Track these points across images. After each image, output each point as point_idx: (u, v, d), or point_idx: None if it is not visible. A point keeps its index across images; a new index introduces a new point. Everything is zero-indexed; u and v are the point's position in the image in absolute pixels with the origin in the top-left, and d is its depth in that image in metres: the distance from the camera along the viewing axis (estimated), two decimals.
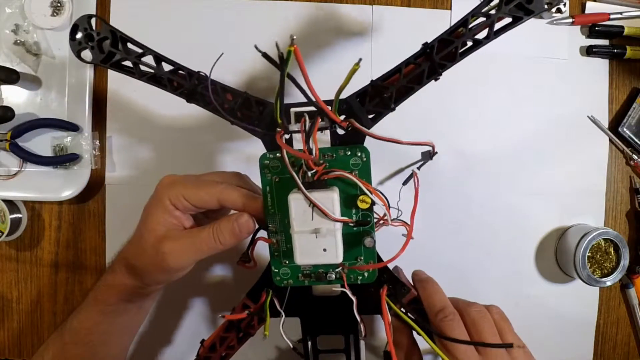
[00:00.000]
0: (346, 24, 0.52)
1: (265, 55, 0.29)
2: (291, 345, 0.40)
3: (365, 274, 0.38)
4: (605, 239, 0.53)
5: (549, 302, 0.55)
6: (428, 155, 0.39)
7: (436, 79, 0.36)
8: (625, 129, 0.55)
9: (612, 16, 0.53)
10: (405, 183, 0.49)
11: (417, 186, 0.40)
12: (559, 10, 0.53)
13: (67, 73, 0.51)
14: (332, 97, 0.33)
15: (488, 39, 0.35)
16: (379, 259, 0.38)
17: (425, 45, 0.36)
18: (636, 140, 0.55)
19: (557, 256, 0.56)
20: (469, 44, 0.35)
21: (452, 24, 0.49)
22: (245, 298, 0.41)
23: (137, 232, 0.40)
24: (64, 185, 0.51)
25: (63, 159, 0.50)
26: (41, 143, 0.51)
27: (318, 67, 0.52)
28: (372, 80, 0.37)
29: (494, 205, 0.55)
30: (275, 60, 0.29)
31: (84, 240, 0.53)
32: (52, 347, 0.43)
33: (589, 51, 0.55)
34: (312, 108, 0.35)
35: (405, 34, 0.53)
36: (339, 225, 0.33)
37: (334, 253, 0.33)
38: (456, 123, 0.53)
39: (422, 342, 0.42)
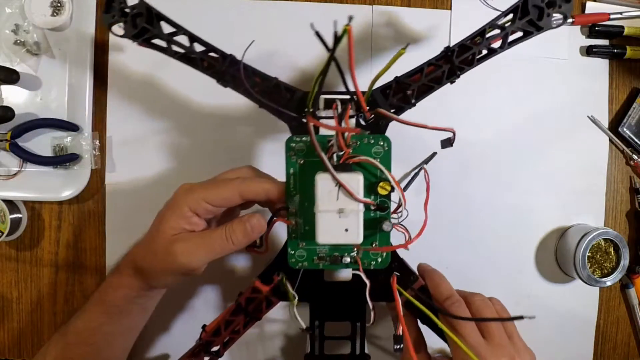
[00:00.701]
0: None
1: (317, 33, 0.32)
2: (304, 326, 0.41)
3: (379, 259, 0.39)
4: (605, 239, 0.53)
5: (549, 302, 0.55)
6: (448, 142, 0.40)
7: (452, 82, 0.40)
8: (625, 129, 0.55)
9: (612, 16, 0.53)
10: (405, 188, 0.49)
11: (427, 180, 0.41)
12: None
13: (67, 73, 0.51)
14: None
15: (502, 48, 0.39)
16: None
17: (447, 48, 0.39)
18: (636, 140, 0.55)
19: (557, 256, 0.56)
20: (484, 52, 0.39)
21: (452, 24, 0.51)
22: (257, 281, 0.41)
23: (148, 236, 0.40)
24: (64, 185, 0.51)
25: (63, 159, 0.50)
26: (41, 143, 0.51)
27: (317, 66, 0.52)
28: (396, 77, 0.40)
29: (494, 205, 0.55)
30: (324, 40, 0.32)
31: (84, 240, 0.53)
32: (54, 348, 0.43)
33: (589, 51, 0.55)
34: (341, 96, 0.38)
35: (405, 34, 0.53)
36: (362, 207, 0.34)
37: (356, 233, 0.35)
38: (456, 123, 0.52)
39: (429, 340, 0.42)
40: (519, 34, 0.39)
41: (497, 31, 0.39)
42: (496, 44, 0.39)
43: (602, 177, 0.56)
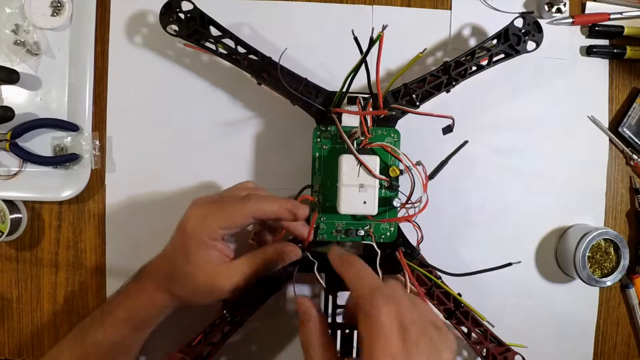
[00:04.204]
0: (346, 24, 0.52)
1: (355, 39, 0.39)
2: (324, 285, 0.46)
3: (388, 233, 0.46)
4: (605, 239, 0.53)
5: (549, 302, 0.55)
6: (449, 129, 0.45)
7: (448, 91, 0.47)
8: (625, 129, 0.55)
9: (612, 16, 0.53)
10: (432, 176, 0.49)
11: (425, 170, 0.45)
12: (559, 10, 0.53)
13: (67, 73, 0.51)
14: None
15: (488, 65, 0.49)
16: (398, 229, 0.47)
17: (446, 63, 0.47)
18: (636, 140, 0.55)
19: (557, 256, 0.56)
20: (474, 68, 0.48)
21: (452, 24, 0.55)
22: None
23: (181, 269, 0.40)
24: (64, 185, 0.51)
25: (63, 159, 0.50)
26: (41, 143, 0.51)
27: (318, 66, 0.52)
28: (404, 84, 0.47)
29: (493, 206, 0.55)
30: (360, 44, 0.39)
31: (84, 240, 0.53)
32: (68, 355, 0.43)
33: (589, 51, 0.55)
34: (361, 95, 0.46)
35: (405, 34, 0.53)
36: (377, 183, 0.43)
37: (372, 205, 0.43)
38: (456, 122, 0.53)
39: None
40: (502, 55, 0.49)
41: (484, 52, 0.48)
42: (484, 62, 0.48)
43: (602, 177, 0.56)
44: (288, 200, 0.41)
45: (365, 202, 0.42)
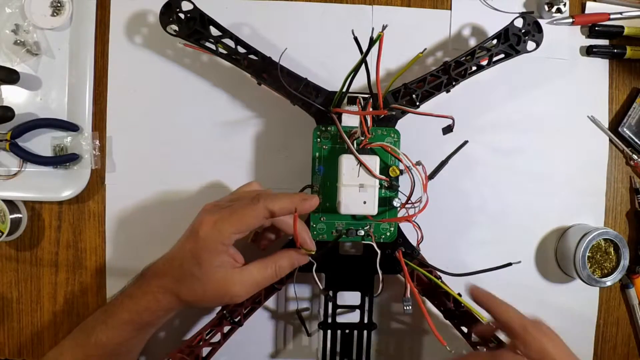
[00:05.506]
0: (346, 24, 0.52)
1: (355, 39, 0.39)
2: (322, 287, 0.47)
3: (388, 233, 0.46)
4: (605, 239, 0.53)
5: (549, 302, 0.55)
6: (449, 129, 0.45)
7: (448, 91, 0.48)
8: (625, 129, 0.55)
9: (612, 16, 0.54)
10: (432, 176, 0.50)
11: (425, 170, 0.45)
12: (559, 10, 0.53)
13: (67, 73, 0.51)
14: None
15: (488, 65, 0.49)
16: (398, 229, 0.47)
17: (446, 63, 0.47)
18: (636, 140, 0.55)
19: (557, 256, 0.56)
20: (474, 68, 0.48)
21: (452, 24, 0.55)
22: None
23: (191, 273, 0.40)
24: (64, 185, 0.51)
25: (63, 159, 0.50)
26: (41, 143, 0.51)
27: (318, 66, 0.52)
28: (404, 84, 0.47)
29: (493, 206, 0.55)
30: (360, 44, 0.39)
31: (84, 240, 0.53)
32: (69, 355, 0.43)
33: (589, 51, 0.55)
34: (361, 95, 0.46)
35: (405, 34, 0.53)
36: (377, 182, 0.43)
37: (372, 205, 0.43)
38: (456, 123, 0.53)
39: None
40: (502, 55, 0.49)
41: (484, 52, 0.48)
42: (484, 62, 0.48)
43: (602, 177, 0.56)
44: (297, 193, 0.42)
45: (365, 202, 0.42)
